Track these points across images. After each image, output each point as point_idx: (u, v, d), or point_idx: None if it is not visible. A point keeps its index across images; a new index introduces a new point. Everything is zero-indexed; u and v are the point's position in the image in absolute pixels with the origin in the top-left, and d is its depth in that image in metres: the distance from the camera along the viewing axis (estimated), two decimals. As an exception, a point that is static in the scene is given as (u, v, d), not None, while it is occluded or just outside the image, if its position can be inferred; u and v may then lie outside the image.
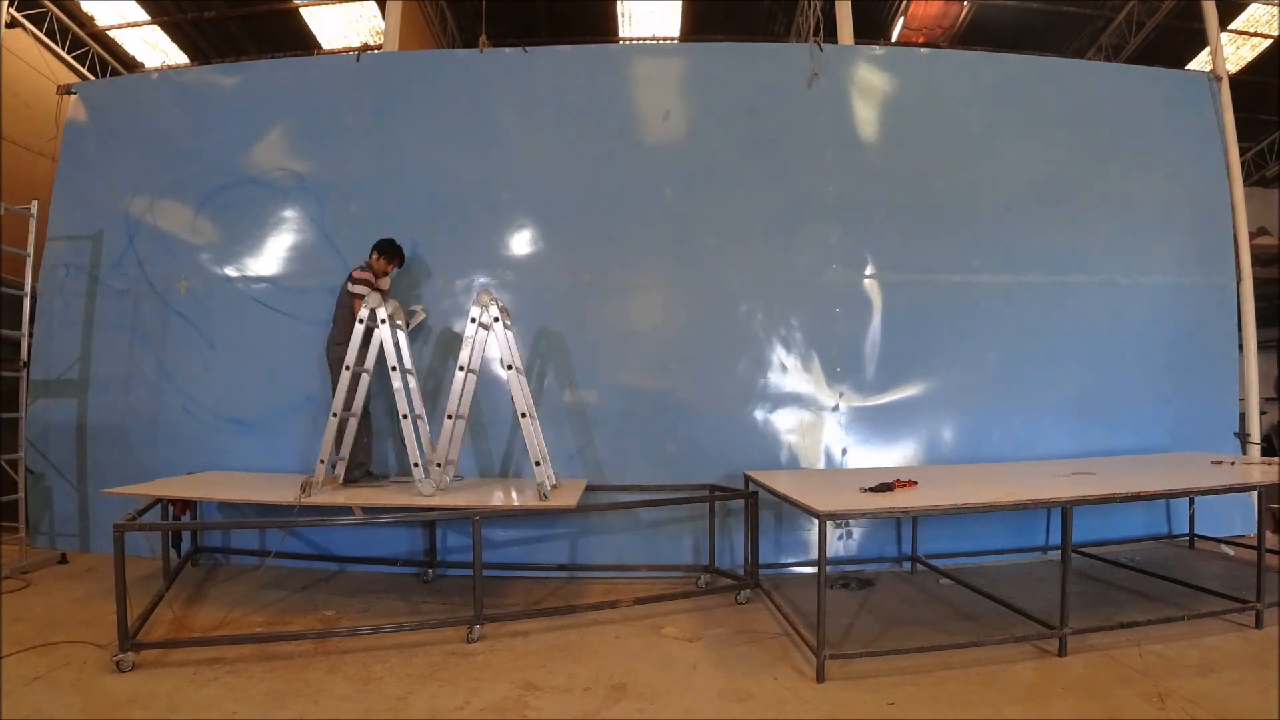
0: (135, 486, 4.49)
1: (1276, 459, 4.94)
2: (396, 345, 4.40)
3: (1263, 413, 5.96)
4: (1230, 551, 5.24)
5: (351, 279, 4.68)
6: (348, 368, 4.28)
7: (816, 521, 3.29)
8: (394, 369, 4.30)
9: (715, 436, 5.09)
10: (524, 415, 4.28)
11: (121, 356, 5.40)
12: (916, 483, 3.94)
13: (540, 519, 4.97)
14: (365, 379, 4.39)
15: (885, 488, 3.78)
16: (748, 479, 4.64)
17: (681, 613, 4.16)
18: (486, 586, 3.94)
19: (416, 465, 4.20)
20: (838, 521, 4.87)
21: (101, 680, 3.23)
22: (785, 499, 3.82)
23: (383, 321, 4.27)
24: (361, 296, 4.46)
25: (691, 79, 5.50)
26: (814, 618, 3.27)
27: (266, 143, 5.47)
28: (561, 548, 5.05)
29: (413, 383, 4.53)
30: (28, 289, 5.34)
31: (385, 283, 4.88)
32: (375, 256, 4.81)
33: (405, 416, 4.26)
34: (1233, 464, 4.62)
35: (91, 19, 8.94)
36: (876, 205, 5.32)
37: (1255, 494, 4.32)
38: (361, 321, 4.30)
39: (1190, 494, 4.65)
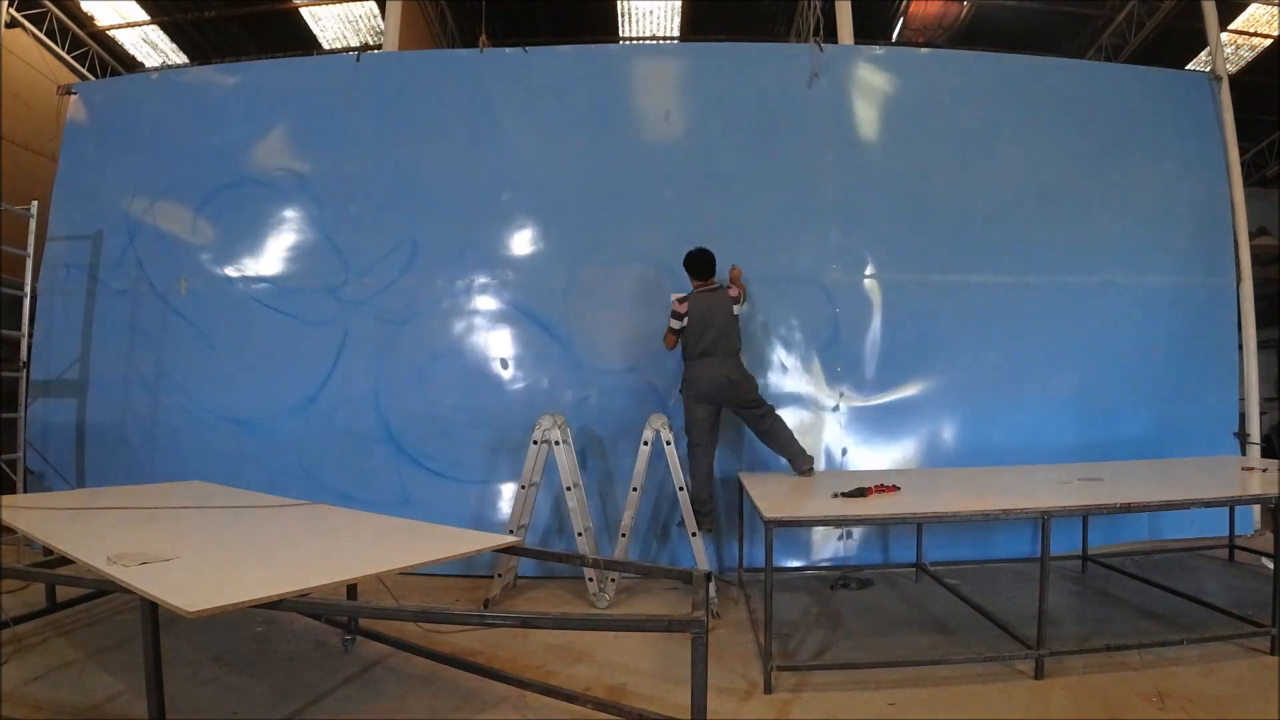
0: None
1: None
2: None
3: (1263, 413, 5.95)
4: (1270, 564, 4.99)
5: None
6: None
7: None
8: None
9: (715, 437, 5.07)
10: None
11: (121, 356, 5.39)
12: (899, 488, 3.79)
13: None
14: None
15: (860, 493, 3.64)
16: (741, 481, 4.61)
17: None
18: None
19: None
20: (840, 525, 4.83)
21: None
22: (753, 503, 3.62)
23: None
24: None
25: (691, 79, 5.50)
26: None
27: (266, 143, 5.48)
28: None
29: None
30: (28, 289, 5.34)
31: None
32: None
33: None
34: (1264, 470, 4.29)
35: (91, 19, 8.93)
36: (876, 205, 5.32)
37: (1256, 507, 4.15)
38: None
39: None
